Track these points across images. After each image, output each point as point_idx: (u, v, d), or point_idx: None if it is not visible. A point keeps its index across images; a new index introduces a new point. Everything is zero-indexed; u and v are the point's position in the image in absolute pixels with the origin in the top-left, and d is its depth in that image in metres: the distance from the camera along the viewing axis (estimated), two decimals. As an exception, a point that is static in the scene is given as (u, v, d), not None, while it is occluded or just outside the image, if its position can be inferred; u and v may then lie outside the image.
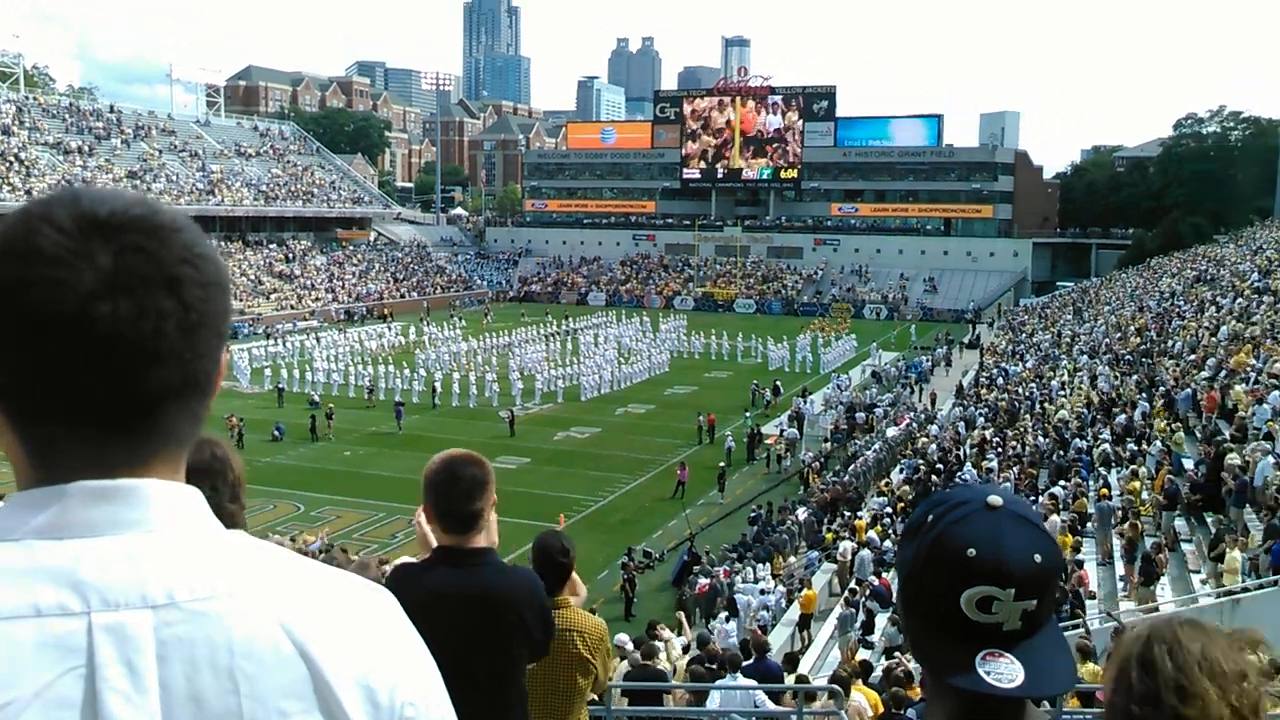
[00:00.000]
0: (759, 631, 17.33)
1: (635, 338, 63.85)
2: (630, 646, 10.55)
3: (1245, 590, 15.50)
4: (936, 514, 1.40)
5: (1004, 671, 1.31)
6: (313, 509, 31.35)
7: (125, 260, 0.98)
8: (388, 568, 4.41)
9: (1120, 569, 19.51)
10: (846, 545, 24.71)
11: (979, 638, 1.33)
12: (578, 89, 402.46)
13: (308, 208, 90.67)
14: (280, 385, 46.63)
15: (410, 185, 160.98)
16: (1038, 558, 1.35)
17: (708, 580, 24.51)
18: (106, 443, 1.01)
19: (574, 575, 4.39)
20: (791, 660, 13.48)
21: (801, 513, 28.74)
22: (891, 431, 37.63)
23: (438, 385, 46.87)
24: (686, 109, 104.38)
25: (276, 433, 39.18)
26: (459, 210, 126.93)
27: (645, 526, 30.46)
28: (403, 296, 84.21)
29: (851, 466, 33.76)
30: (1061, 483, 25.12)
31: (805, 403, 43.47)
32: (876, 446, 35.92)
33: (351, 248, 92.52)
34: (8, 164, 70.07)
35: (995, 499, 1.40)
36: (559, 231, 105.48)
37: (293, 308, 73.82)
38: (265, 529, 27.71)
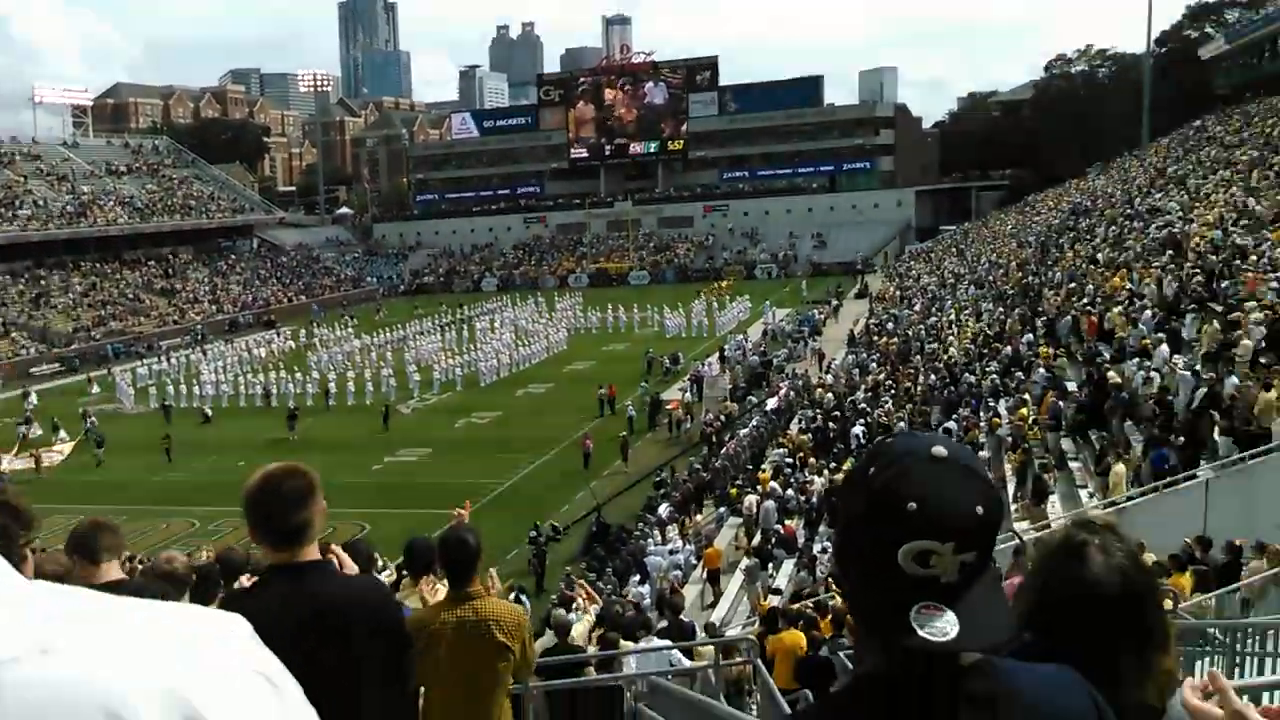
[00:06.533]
0: (672, 591, 17.29)
1: (531, 319, 63.43)
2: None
3: (1130, 499, 15.90)
4: (879, 465, 1.34)
5: (939, 625, 1.26)
6: (210, 523, 30.36)
7: None
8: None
9: (1013, 491, 19.92)
10: (750, 498, 24.83)
11: (915, 591, 1.28)
12: (460, 79, 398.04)
13: (186, 221, 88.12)
14: (166, 403, 45.15)
15: (293, 189, 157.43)
16: (979, 510, 1.29)
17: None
18: None
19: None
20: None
21: (664, 510, 26.93)
22: (771, 404, 36.80)
23: (331, 387, 45.89)
24: (570, 90, 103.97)
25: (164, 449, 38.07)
26: (344, 210, 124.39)
27: (553, 502, 30.27)
28: (291, 301, 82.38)
29: (725, 449, 32.25)
30: (954, 416, 25.61)
31: (704, 366, 43.66)
32: (755, 423, 34.91)
33: (234, 257, 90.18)
34: None
35: (939, 449, 1.33)
36: (449, 222, 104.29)
37: (176, 323, 71.59)
38: (160, 547, 26.83)
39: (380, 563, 20.60)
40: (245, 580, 4.01)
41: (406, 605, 4.85)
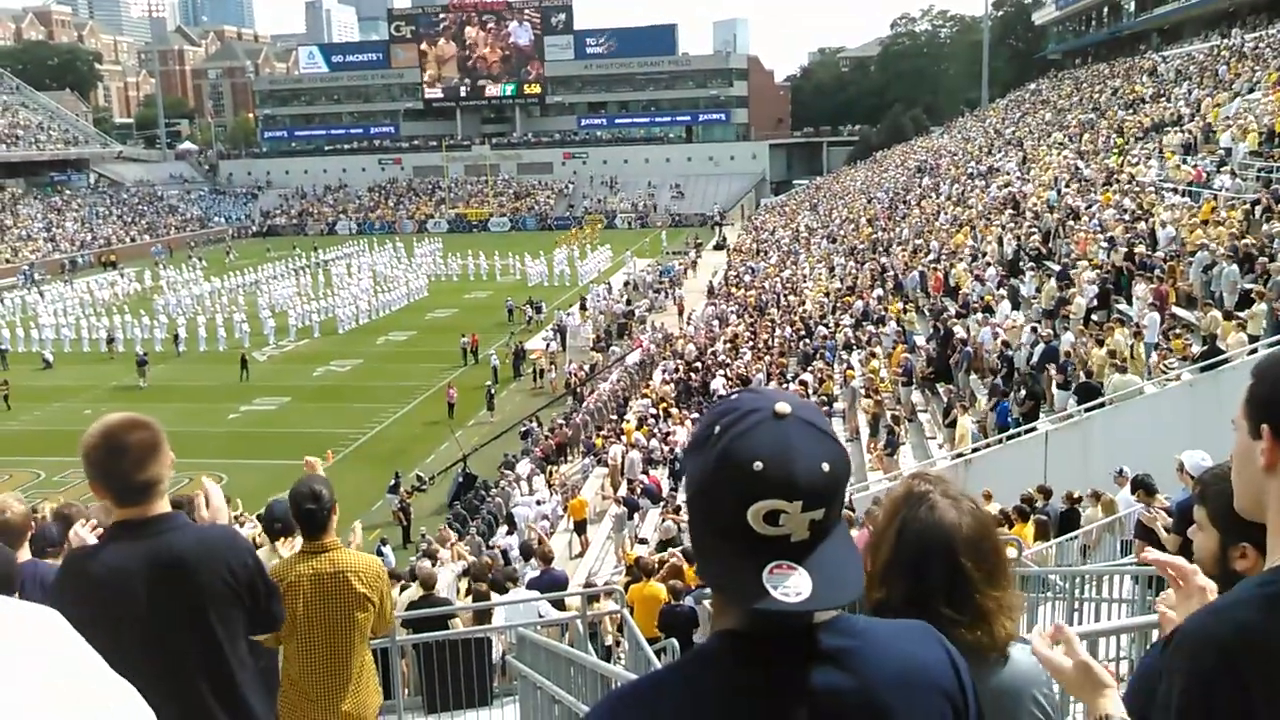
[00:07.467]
0: (542, 542, 17.59)
1: (390, 264, 62.42)
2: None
3: (975, 451, 16.94)
4: (724, 425, 1.31)
5: (791, 585, 1.25)
6: (55, 474, 29.30)
7: None
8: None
9: (866, 443, 20.98)
10: (616, 449, 25.34)
11: (767, 550, 1.27)
12: (306, 10, 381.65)
13: (14, 151, 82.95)
14: (2, 346, 42.92)
15: (130, 121, 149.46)
16: (825, 466, 1.28)
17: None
18: None
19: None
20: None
21: (524, 466, 26.68)
22: (633, 357, 37.08)
23: (181, 332, 44.44)
24: (422, 27, 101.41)
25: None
26: (188, 145, 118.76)
27: (417, 452, 30.23)
28: (134, 241, 78.79)
29: (586, 403, 32.46)
30: (810, 368, 26.65)
31: (566, 315, 43.96)
32: (614, 377, 35.25)
33: (70, 192, 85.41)
34: None
35: (783, 406, 1.31)
36: (300, 161, 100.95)
37: (8, 262, 67.71)
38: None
39: (238, 511, 20.40)
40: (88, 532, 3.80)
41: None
